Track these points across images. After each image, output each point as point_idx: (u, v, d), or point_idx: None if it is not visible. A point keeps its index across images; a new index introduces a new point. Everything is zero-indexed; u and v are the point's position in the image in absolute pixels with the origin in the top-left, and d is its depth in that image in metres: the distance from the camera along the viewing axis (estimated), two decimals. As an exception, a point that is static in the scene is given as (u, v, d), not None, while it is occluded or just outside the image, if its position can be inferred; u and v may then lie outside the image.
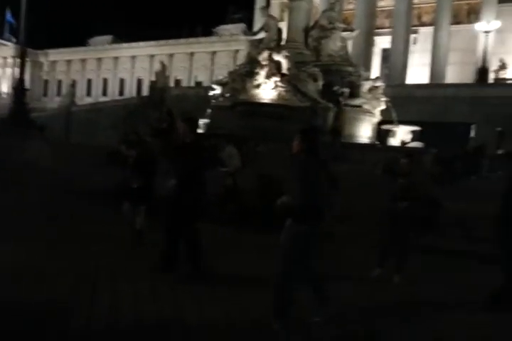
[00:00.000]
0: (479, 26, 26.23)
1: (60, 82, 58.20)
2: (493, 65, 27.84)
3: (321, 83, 16.00)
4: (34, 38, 41.13)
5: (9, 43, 55.80)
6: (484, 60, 24.53)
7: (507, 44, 30.69)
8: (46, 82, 59.60)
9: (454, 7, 31.10)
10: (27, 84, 24.80)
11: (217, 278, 5.00)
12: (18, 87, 20.36)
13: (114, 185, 6.65)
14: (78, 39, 57.37)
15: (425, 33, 33.12)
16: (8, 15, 54.48)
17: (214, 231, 7.16)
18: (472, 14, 32.89)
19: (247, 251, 6.28)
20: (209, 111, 17.78)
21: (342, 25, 18.86)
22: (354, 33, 19.69)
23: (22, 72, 20.99)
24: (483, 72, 24.83)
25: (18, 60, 22.50)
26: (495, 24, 25.86)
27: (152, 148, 6.68)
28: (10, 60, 56.25)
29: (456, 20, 32.64)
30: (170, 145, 5.28)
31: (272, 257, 3.98)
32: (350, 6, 34.63)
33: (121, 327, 3.67)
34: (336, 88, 16.05)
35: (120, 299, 4.24)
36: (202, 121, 18.63)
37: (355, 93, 16.47)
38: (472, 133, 18.96)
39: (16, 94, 20.36)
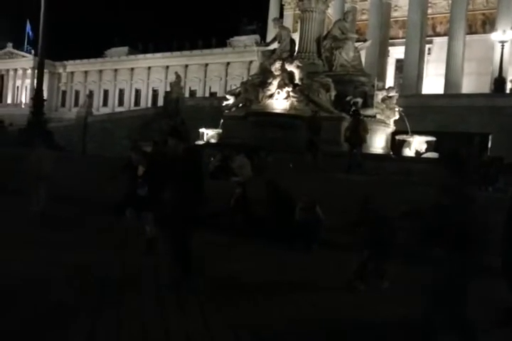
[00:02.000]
0: (495, 36, 25.95)
1: (77, 92, 59.24)
2: (510, 75, 27.43)
3: (333, 93, 15.94)
4: (53, 50, 42.16)
5: (29, 55, 57.20)
6: (501, 69, 24.19)
7: (524, 54, 30.27)
8: (64, 92, 60.72)
9: (468, 17, 30.87)
10: (45, 94, 25.28)
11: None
12: (36, 97, 20.76)
13: (123, 194, 6.71)
14: (95, 50, 58.46)
15: (440, 42, 32.91)
16: (28, 27, 56.01)
17: (220, 241, 7.13)
18: (487, 24, 32.66)
19: (247, 260, 6.24)
20: (222, 121, 17.85)
21: (354, 36, 18.87)
22: (367, 43, 19.67)
23: (40, 83, 21.43)
24: (500, 82, 24.44)
25: (36, 71, 23.03)
26: (510, 34, 25.56)
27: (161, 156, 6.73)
28: (29, 71, 57.60)
29: (471, 30, 32.42)
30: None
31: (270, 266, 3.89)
32: (364, 17, 34.69)
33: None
34: (348, 98, 15.97)
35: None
36: (215, 131, 18.73)
37: (368, 103, 16.35)
38: (489, 144, 18.64)
39: (34, 105, 20.77)
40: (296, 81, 16.11)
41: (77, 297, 4.43)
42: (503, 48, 24.47)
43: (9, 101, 61.20)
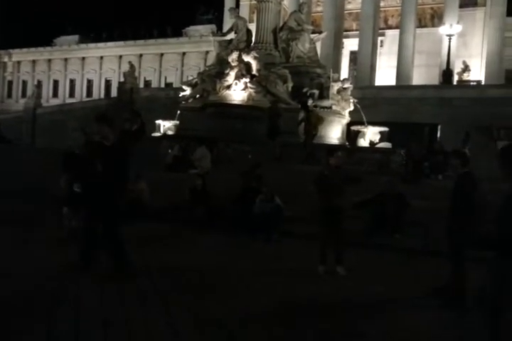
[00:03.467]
0: (442, 30, 26.97)
1: (24, 82, 56.40)
2: (457, 68, 28.65)
3: (290, 84, 16.08)
4: (-4, 38, 39.84)
5: (-30, 43, 53.81)
6: (448, 62, 25.21)
7: (469, 47, 31.69)
8: (10, 83, 57.68)
9: (418, 11, 31.85)
10: (-11, 85, 23.98)
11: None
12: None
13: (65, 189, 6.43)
14: (44, 39, 55.59)
15: (392, 35, 33.81)
16: (-31, 14, 52.65)
17: (183, 233, 7.09)
18: (436, 18, 33.85)
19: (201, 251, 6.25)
20: (179, 112, 17.60)
21: (310, 27, 19.07)
22: (322, 35, 19.93)
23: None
24: (447, 74, 25.51)
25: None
26: (457, 28, 26.62)
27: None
28: (-29, 60, 54.30)
29: (421, 24, 33.50)
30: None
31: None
32: (319, 9, 35.03)
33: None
34: (305, 89, 16.17)
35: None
36: (172, 123, 18.46)
37: (324, 94, 16.63)
38: (438, 133, 19.48)
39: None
40: (254, 72, 16.11)
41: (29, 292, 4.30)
42: (450, 41, 25.48)
43: (-51, 91, 57.55)
